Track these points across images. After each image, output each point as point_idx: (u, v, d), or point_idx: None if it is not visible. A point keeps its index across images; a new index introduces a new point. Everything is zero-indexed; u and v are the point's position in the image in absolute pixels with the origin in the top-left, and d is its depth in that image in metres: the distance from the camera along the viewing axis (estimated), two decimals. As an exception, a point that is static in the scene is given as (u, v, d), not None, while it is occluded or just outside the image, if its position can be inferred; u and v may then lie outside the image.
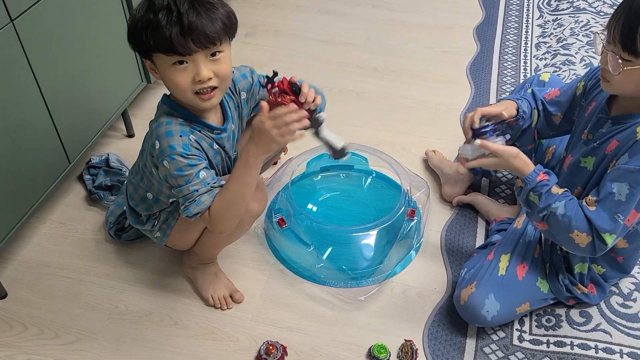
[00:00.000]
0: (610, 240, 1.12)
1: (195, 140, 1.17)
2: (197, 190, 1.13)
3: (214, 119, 1.24)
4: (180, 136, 1.14)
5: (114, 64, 1.66)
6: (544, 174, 1.18)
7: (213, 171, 1.18)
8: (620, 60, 1.05)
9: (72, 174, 1.69)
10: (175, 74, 1.10)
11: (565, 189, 1.19)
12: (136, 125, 1.87)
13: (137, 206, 1.33)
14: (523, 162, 1.19)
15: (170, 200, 1.26)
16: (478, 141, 1.20)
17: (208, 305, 1.39)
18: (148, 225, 1.34)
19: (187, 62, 1.09)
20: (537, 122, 1.39)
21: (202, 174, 1.14)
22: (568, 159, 1.29)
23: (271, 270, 1.48)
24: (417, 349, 1.29)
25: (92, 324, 1.35)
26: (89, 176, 1.65)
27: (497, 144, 1.21)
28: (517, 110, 1.34)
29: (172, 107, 1.19)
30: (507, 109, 1.31)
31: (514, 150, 1.20)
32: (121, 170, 1.65)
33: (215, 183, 1.16)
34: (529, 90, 1.41)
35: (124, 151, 1.76)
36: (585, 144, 1.23)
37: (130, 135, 1.86)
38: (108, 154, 1.69)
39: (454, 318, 1.35)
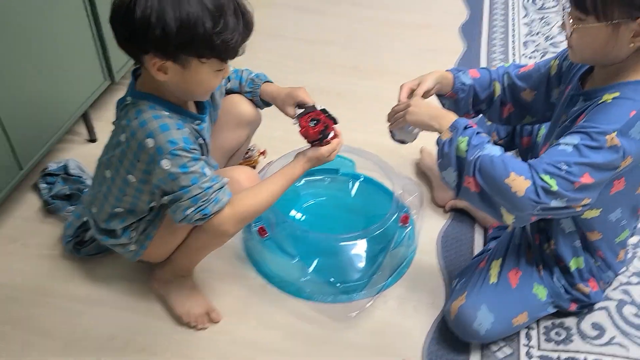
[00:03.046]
0: (553, 183, 0.98)
1: (190, 133, 1.07)
2: (211, 187, 1.05)
3: (192, 108, 1.16)
4: (178, 129, 1.03)
5: (73, 60, 1.53)
6: (471, 124, 1.11)
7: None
8: (571, 20, 1.02)
9: (25, 183, 1.56)
10: (215, 78, 1.05)
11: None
12: (99, 129, 1.73)
13: (109, 223, 1.20)
14: (446, 112, 1.15)
15: (150, 206, 1.14)
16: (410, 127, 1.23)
17: (182, 324, 1.26)
18: (124, 238, 1.20)
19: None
20: (499, 94, 1.33)
21: (207, 170, 1.05)
22: (546, 147, 1.21)
23: (251, 286, 1.36)
24: (416, 371, 1.16)
25: (45, 353, 1.21)
26: (45, 185, 1.51)
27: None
28: (454, 83, 1.30)
29: (153, 100, 1.06)
30: (424, 84, 1.27)
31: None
32: (81, 177, 1.51)
33: (222, 180, 1.08)
34: (506, 64, 1.37)
35: (86, 157, 1.62)
36: (560, 126, 1.16)
37: (92, 139, 1.73)
38: (67, 161, 1.55)
39: (455, 334, 1.23)
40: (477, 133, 1.07)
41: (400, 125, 1.22)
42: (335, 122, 1.20)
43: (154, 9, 0.93)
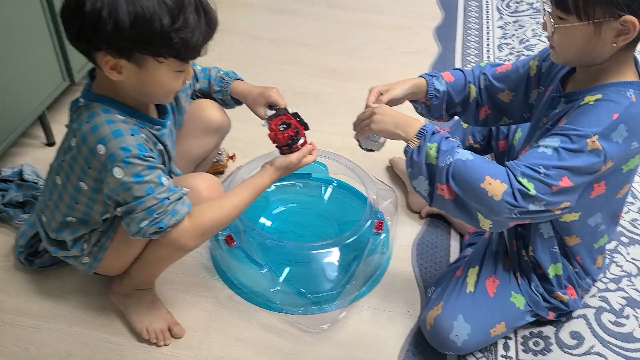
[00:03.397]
0: (531, 187, 0.95)
1: (146, 139, 1.00)
2: (168, 198, 0.98)
3: (152, 113, 1.09)
4: (132, 135, 0.96)
5: (29, 59, 1.45)
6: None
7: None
8: (552, 20, 0.99)
9: (-24, 190, 1.45)
10: (176, 80, 0.99)
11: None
12: (58, 132, 1.64)
13: (60, 233, 1.12)
14: (411, 119, 1.09)
15: (104, 218, 1.07)
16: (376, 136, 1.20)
17: (142, 341, 1.18)
18: (75, 250, 1.12)
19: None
20: (475, 97, 1.29)
21: (164, 180, 0.98)
22: (525, 150, 1.18)
23: (218, 297, 1.29)
24: (392, 386, 1.11)
25: (-6, 373, 1.13)
26: (-3, 191, 1.42)
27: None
28: (427, 90, 1.26)
29: (108, 103, 0.99)
30: (393, 91, 1.22)
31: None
32: (37, 183, 1.43)
33: (182, 190, 1.01)
34: (482, 64, 1.33)
35: (43, 162, 1.51)
36: (540, 129, 1.13)
37: (50, 143, 1.65)
38: (22, 165, 1.46)
39: (431, 345, 1.18)
40: (446, 138, 1.03)
41: (366, 133, 1.17)
42: (306, 128, 1.15)
43: (106, 2, 0.86)
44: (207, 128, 1.28)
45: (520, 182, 0.95)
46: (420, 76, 1.27)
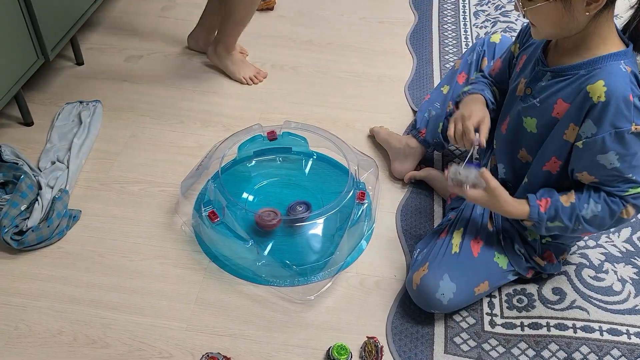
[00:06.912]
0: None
1: None
2: None
3: None
4: None
5: (1, 38, 1.39)
6: (540, 200, 1.09)
7: None
8: (520, 2, 1.00)
9: (-46, 172, 1.41)
10: None
11: (571, 191, 1.07)
12: (35, 111, 1.60)
13: None
14: (512, 206, 1.10)
15: None
16: (483, 169, 1.11)
17: (134, 314, 1.18)
18: None
19: None
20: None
21: None
22: (506, 121, 1.19)
23: (206, 271, 1.28)
24: (382, 347, 1.13)
25: (-16, 353, 1.11)
26: (-24, 173, 1.38)
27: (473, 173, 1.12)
28: (487, 104, 1.24)
29: None
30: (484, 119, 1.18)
31: (504, 192, 1.11)
32: (17, 163, 1.39)
33: None
34: (477, 73, 1.33)
35: (21, 142, 1.51)
36: (523, 100, 1.13)
37: (27, 123, 1.60)
38: (0, 146, 1.43)
39: (419, 307, 1.21)
40: (562, 208, 1.06)
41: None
42: None
43: None
44: None
45: (633, 192, 1.03)
46: (472, 93, 1.25)
